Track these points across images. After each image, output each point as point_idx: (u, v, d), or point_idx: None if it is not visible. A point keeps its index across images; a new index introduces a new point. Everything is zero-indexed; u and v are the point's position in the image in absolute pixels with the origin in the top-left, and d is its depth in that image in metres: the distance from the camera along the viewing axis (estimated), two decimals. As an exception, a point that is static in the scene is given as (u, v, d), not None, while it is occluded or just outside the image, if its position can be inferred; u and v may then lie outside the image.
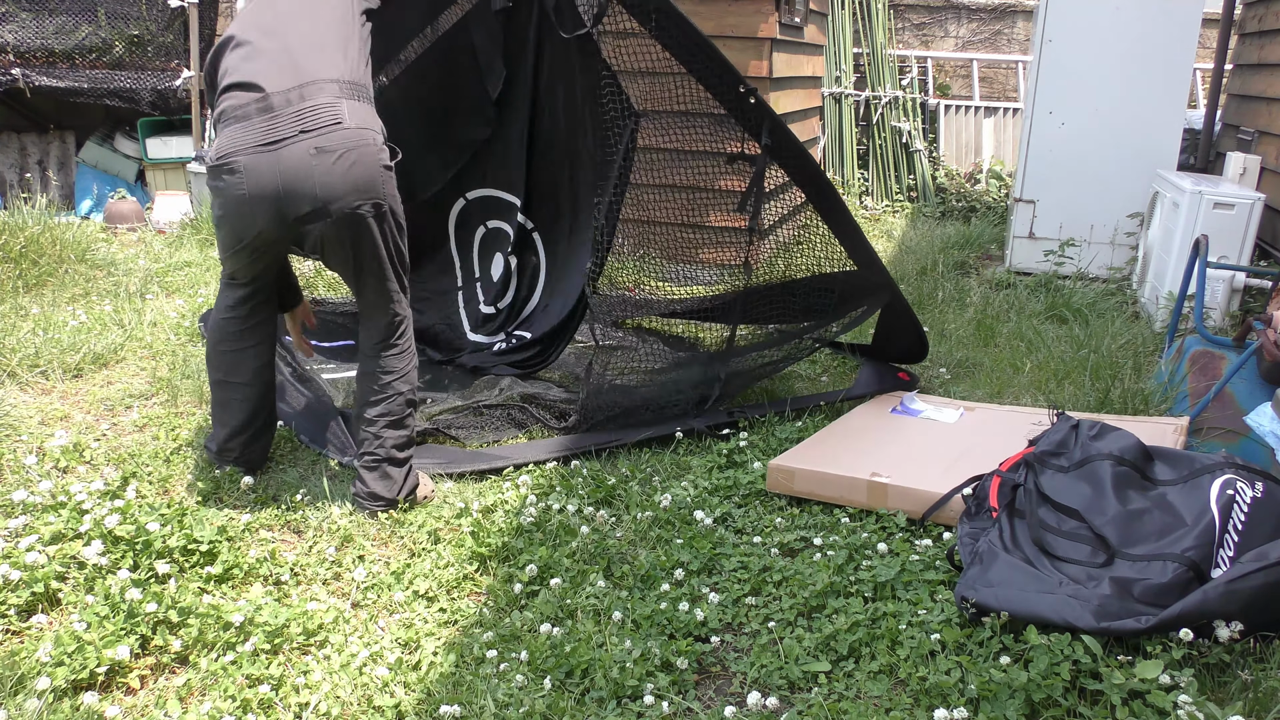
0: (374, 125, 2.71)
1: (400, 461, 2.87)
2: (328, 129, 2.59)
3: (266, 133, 2.58)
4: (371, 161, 2.64)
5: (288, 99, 2.60)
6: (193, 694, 2.15)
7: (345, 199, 2.61)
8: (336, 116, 2.61)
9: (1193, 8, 5.46)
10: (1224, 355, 3.51)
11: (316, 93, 2.62)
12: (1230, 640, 2.09)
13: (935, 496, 2.78)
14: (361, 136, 2.63)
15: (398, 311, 2.87)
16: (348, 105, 2.64)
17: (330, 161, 2.58)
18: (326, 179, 2.59)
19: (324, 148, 2.58)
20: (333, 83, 2.65)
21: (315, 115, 2.59)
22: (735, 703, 2.13)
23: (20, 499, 2.72)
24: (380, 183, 2.67)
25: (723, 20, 5.39)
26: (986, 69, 9.40)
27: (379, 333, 2.87)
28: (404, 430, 2.89)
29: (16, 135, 6.76)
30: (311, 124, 2.59)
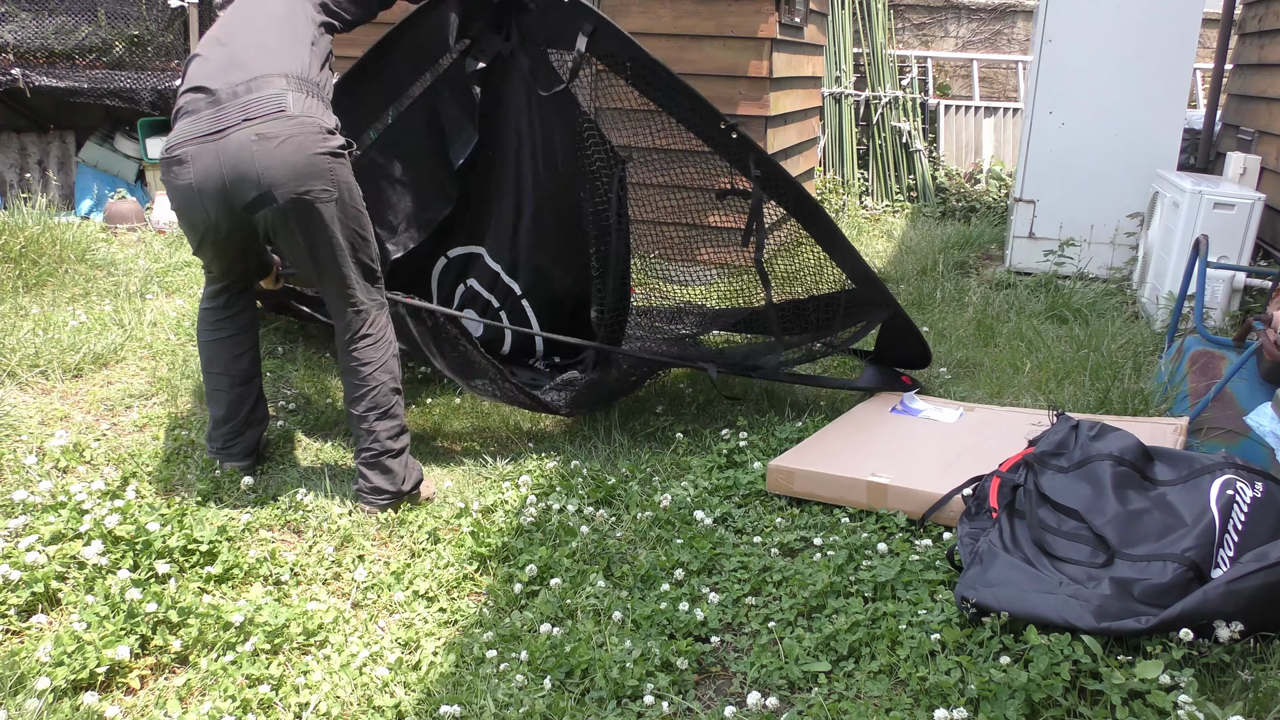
0: (319, 114, 2.70)
1: (397, 452, 2.87)
2: (270, 117, 2.61)
3: (213, 123, 2.63)
4: (314, 146, 2.64)
5: (234, 92, 2.65)
6: (193, 694, 2.15)
7: (288, 184, 2.61)
8: (280, 105, 2.63)
9: (1193, 8, 5.46)
10: (1224, 355, 3.51)
11: (263, 85, 2.65)
12: (1230, 640, 2.09)
13: (935, 497, 2.78)
14: (304, 124, 2.64)
15: (362, 300, 2.84)
16: (293, 96, 2.66)
17: (272, 147, 2.59)
18: (268, 163, 2.59)
19: (265, 134, 2.59)
20: (280, 76, 2.68)
21: (259, 105, 2.62)
22: (735, 703, 2.13)
23: (20, 499, 2.72)
24: (325, 168, 2.66)
25: (723, 20, 5.39)
26: (986, 69, 9.40)
27: (347, 325, 2.86)
28: (394, 420, 2.88)
29: (16, 135, 6.75)
30: (255, 112, 2.61)
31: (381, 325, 2.90)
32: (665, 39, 5.50)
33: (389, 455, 2.86)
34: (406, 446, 2.92)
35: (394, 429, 2.88)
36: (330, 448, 3.34)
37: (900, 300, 5.26)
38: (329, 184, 2.67)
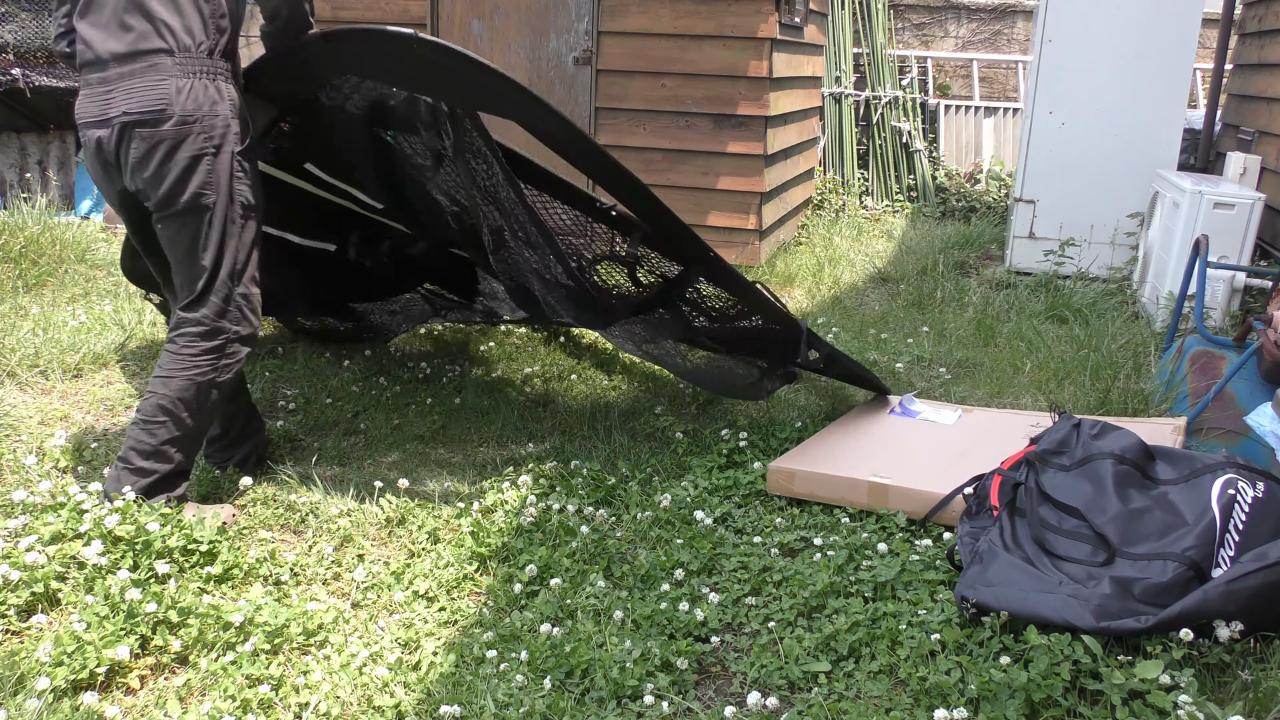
0: (207, 109, 2.54)
1: (135, 470, 2.64)
2: (150, 114, 2.49)
3: (102, 106, 2.52)
4: (190, 156, 2.53)
5: (119, 72, 2.50)
6: (193, 694, 2.15)
7: (159, 191, 2.54)
8: (162, 101, 2.49)
9: (1193, 8, 5.46)
10: (1224, 355, 3.51)
11: (147, 70, 2.49)
12: (1230, 640, 2.09)
13: (936, 497, 2.78)
14: (180, 131, 2.51)
15: (195, 314, 2.66)
16: (176, 85, 2.50)
17: (144, 150, 2.50)
18: (142, 170, 2.52)
19: (144, 136, 2.49)
20: (164, 55, 2.50)
21: (142, 95, 2.49)
22: (735, 703, 2.13)
23: (20, 499, 2.72)
24: (197, 181, 2.55)
25: (723, 20, 5.39)
26: (986, 69, 9.40)
27: (174, 322, 2.70)
28: (148, 437, 2.64)
29: (16, 135, 6.75)
30: (137, 106, 2.49)
31: (202, 348, 2.67)
32: (665, 39, 5.50)
33: (126, 466, 2.65)
34: (151, 473, 2.65)
35: (144, 446, 2.65)
36: (330, 447, 3.33)
37: (900, 300, 5.28)
38: (198, 191, 2.56)
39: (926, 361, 4.32)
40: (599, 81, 5.68)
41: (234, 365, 2.74)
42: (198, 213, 2.60)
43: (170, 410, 2.65)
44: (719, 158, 5.59)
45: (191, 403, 2.67)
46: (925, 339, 4.62)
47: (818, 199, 7.81)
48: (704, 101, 5.53)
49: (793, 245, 6.56)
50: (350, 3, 5.97)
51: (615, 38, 5.59)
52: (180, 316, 2.70)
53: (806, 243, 6.69)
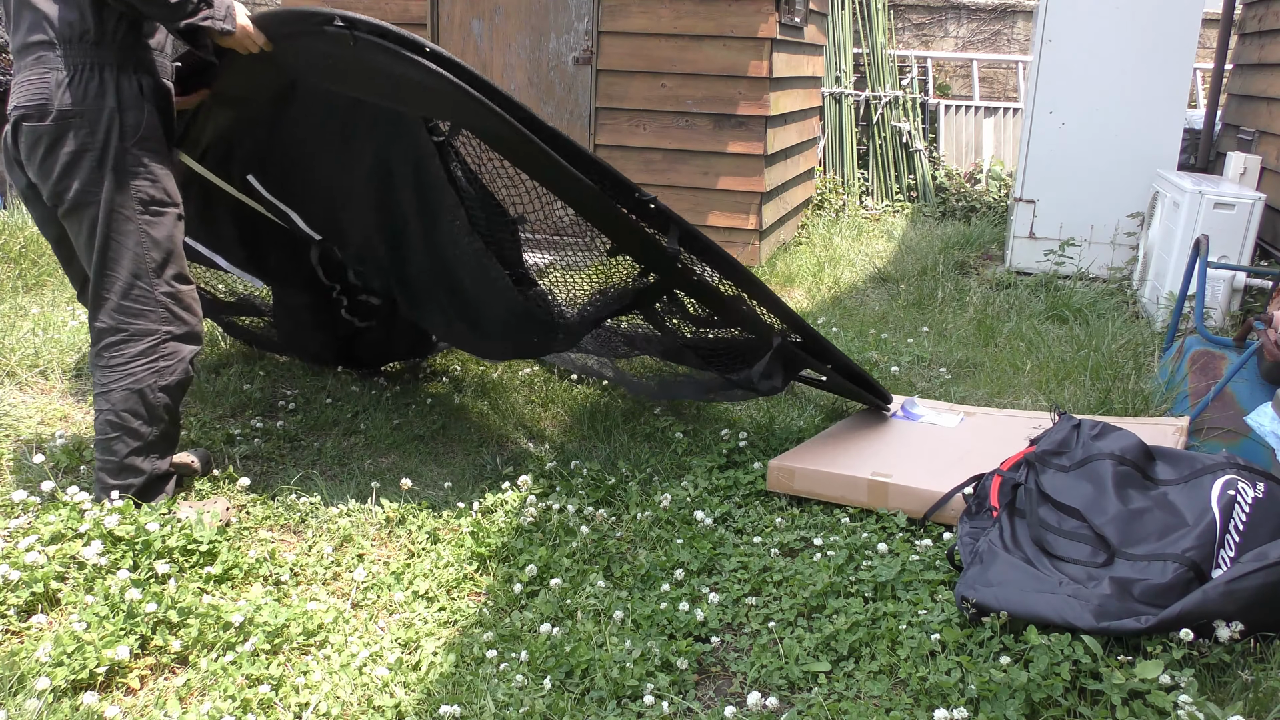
0: (90, 103, 2.44)
1: (111, 488, 2.64)
2: (33, 108, 2.43)
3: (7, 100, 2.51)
4: (71, 151, 2.45)
5: (19, 63, 2.47)
6: (193, 694, 2.15)
7: (46, 188, 2.50)
8: (44, 94, 2.42)
9: (1193, 8, 5.46)
10: (1224, 355, 3.51)
11: (34, 63, 2.44)
12: (1230, 640, 2.09)
13: (935, 496, 2.78)
14: (60, 127, 2.43)
15: (107, 322, 2.57)
16: (56, 79, 2.42)
17: (29, 144, 2.46)
18: (30, 164, 2.49)
19: (30, 130, 2.45)
20: (48, 46, 2.42)
21: (29, 90, 2.44)
22: (735, 703, 2.13)
23: (20, 499, 2.72)
24: (81, 178, 2.46)
25: (723, 20, 5.39)
26: (986, 69, 9.40)
27: (92, 335, 2.63)
28: (110, 455, 2.63)
29: (16, 135, 6.75)
30: (25, 100, 2.44)
31: (126, 358, 2.59)
32: (665, 39, 5.50)
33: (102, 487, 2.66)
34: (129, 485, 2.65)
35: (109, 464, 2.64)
36: (330, 447, 3.33)
37: (900, 300, 5.28)
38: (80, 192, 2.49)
39: (926, 361, 4.32)
40: (599, 81, 5.68)
41: (175, 365, 2.65)
42: (84, 210, 2.51)
43: (119, 424, 2.60)
44: (719, 158, 5.59)
45: (140, 410, 2.60)
46: (925, 339, 4.62)
47: (818, 199, 7.81)
48: (704, 101, 5.53)
49: (793, 245, 6.56)
50: (350, 3, 5.96)
51: (615, 38, 5.59)
52: (94, 327, 2.60)
53: (806, 243, 6.69)
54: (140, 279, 2.56)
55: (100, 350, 2.59)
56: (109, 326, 2.57)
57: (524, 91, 5.86)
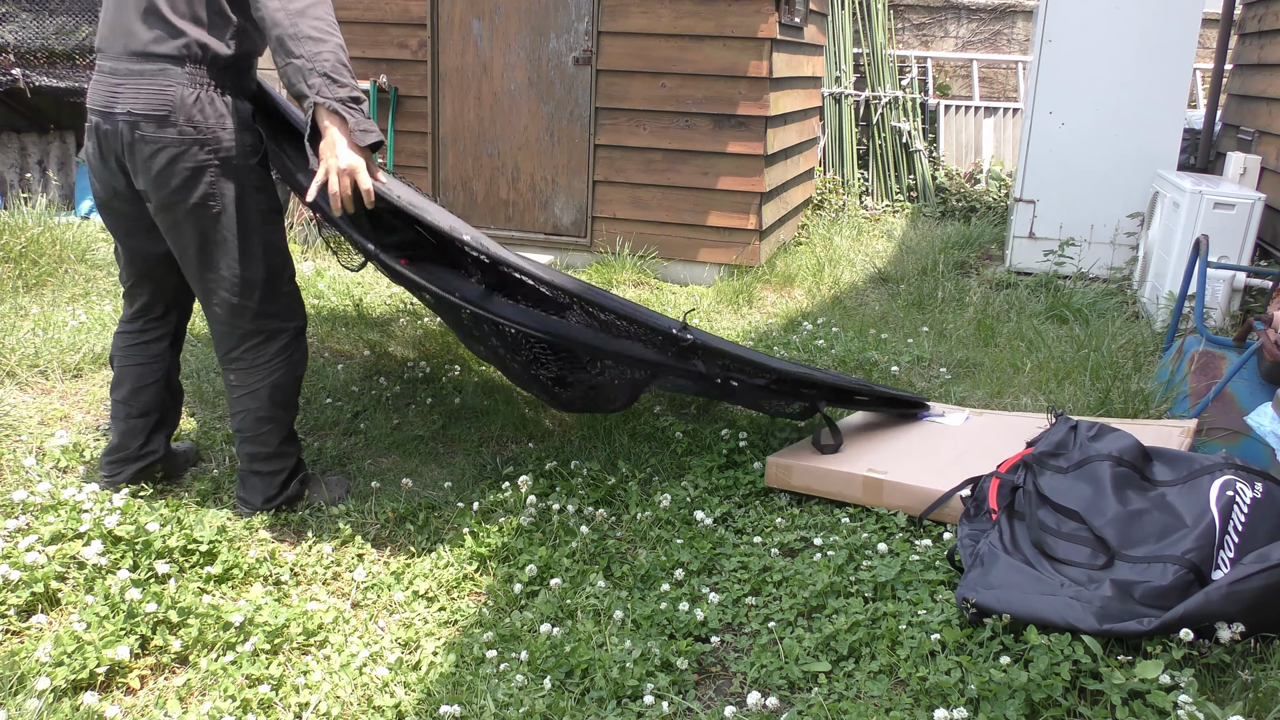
0: (210, 117, 2.50)
1: (266, 474, 2.79)
2: (154, 117, 2.46)
3: (108, 97, 2.50)
4: (192, 169, 2.50)
5: (129, 68, 2.48)
6: (193, 694, 2.15)
7: (159, 193, 2.52)
8: (168, 106, 2.46)
9: (1193, 8, 5.47)
10: (1224, 355, 3.51)
11: (157, 74, 2.46)
12: (1231, 641, 2.09)
13: (932, 493, 2.78)
14: (186, 143, 2.48)
15: (243, 326, 2.68)
16: (182, 95, 2.47)
17: (148, 153, 2.48)
18: (145, 170, 2.50)
19: (150, 140, 2.47)
20: (176, 61, 2.46)
21: (150, 97, 2.46)
22: (735, 703, 2.13)
23: (20, 499, 2.72)
24: (191, 185, 2.51)
25: (723, 20, 5.39)
26: (986, 69, 9.40)
27: (222, 344, 2.72)
28: (261, 446, 2.76)
29: (16, 135, 6.75)
30: (144, 106, 2.46)
31: (268, 354, 2.72)
32: (665, 39, 5.50)
33: (255, 475, 2.81)
34: (281, 469, 2.81)
35: (261, 453, 2.78)
36: (330, 447, 3.33)
37: (900, 300, 5.28)
38: (200, 197, 2.53)
39: (927, 361, 4.32)
40: (599, 81, 5.68)
41: (302, 356, 2.82)
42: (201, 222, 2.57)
43: (271, 417, 2.76)
44: (719, 158, 5.59)
45: (283, 402, 2.78)
46: (925, 339, 4.62)
47: (818, 199, 7.81)
48: (704, 101, 5.53)
49: (793, 245, 6.56)
50: (350, 2, 5.96)
51: (615, 38, 5.59)
52: (234, 332, 2.69)
53: (806, 243, 6.69)
54: (271, 282, 2.68)
55: (241, 353, 2.71)
56: (251, 330, 2.69)
57: (524, 91, 5.86)
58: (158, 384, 2.89)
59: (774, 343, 4.48)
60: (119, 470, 2.89)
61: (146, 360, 2.87)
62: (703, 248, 5.75)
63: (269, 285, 2.68)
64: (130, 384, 2.87)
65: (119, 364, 2.88)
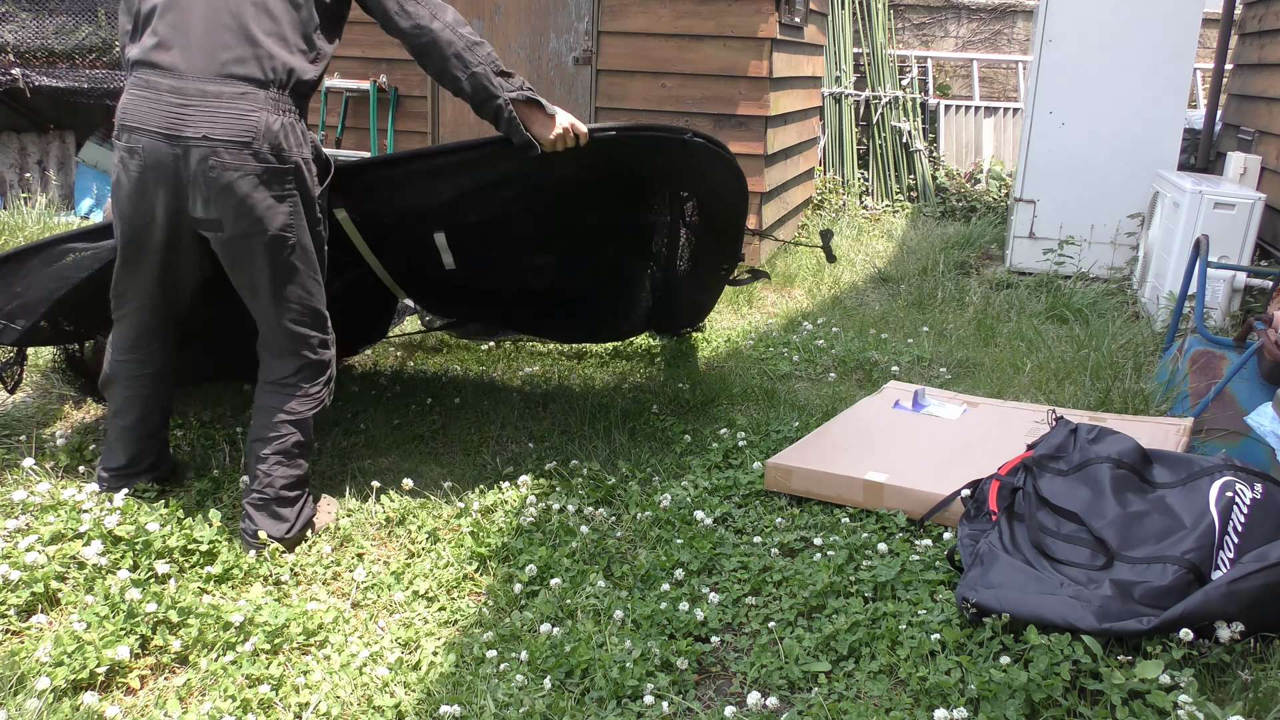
0: (291, 146, 2.45)
1: (290, 500, 2.70)
2: (234, 144, 2.37)
3: (172, 118, 2.36)
4: (271, 189, 2.43)
5: (201, 89, 2.36)
6: (193, 694, 2.15)
7: (237, 223, 2.44)
8: (250, 133, 2.38)
9: (1193, 8, 5.47)
10: (1225, 355, 3.51)
11: (238, 97, 2.37)
12: (1231, 641, 2.09)
13: (932, 497, 2.78)
14: (269, 171, 2.42)
15: (305, 355, 2.67)
16: (267, 121, 2.40)
17: (225, 183, 2.38)
18: (222, 199, 2.40)
19: (225, 164, 2.37)
20: (259, 85, 2.39)
21: (230, 123, 2.37)
22: (735, 703, 2.13)
23: (20, 499, 2.72)
24: (272, 214, 2.45)
25: (723, 20, 5.39)
26: (986, 69, 9.40)
27: (279, 369, 2.67)
28: (295, 470, 2.71)
29: (16, 135, 6.76)
30: (224, 133, 2.36)
31: (321, 385, 2.74)
32: (665, 39, 5.50)
33: (280, 503, 2.68)
34: (303, 494, 2.75)
35: (292, 478, 2.70)
36: (330, 447, 3.33)
37: (900, 300, 5.28)
38: (275, 229, 2.47)
39: (927, 361, 4.32)
40: (599, 81, 5.67)
41: (334, 386, 2.83)
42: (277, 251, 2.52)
43: (307, 442, 2.73)
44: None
45: (312, 429, 2.76)
46: (925, 339, 4.62)
47: (818, 199, 7.81)
48: (704, 101, 5.53)
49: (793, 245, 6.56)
50: (350, 2, 5.96)
51: (615, 38, 5.59)
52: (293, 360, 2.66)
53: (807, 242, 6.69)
54: (327, 313, 2.72)
55: (297, 381, 2.68)
56: (312, 360, 2.69)
57: (524, 91, 5.86)
58: (165, 406, 2.87)
59: (774, 343, 4.49)
60: (122, 484, 2.83)
61: (154, 387, 2.80)
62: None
63: (324, 316, 2.70)
64: (140, 410, 2.80)
65: (126, 392, 2.79)
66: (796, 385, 4.00)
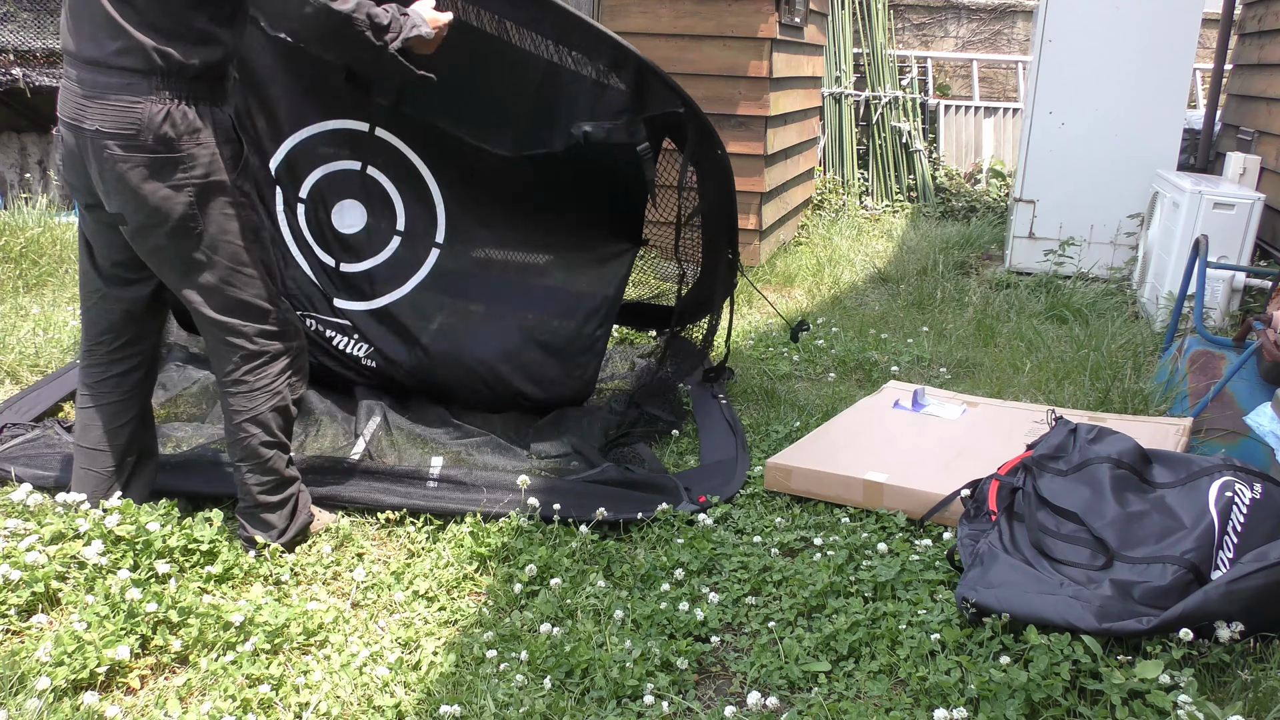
0: (182, 134, 2.32)
1: (273, 505, 2.61)
2: (123, 137, 2.29)
3: (76, 109, 2.32)
4: (161, 180, 2.32)
5: (94, 81, 2.29)
6: (193, 694, 2.15)
7: (134, 217, 2.36)
8: (135, 124, 2.28)
9: (1193, 8, 5.47)
10: (1224, 355, 3.51)
11: (123, 88, 2.28)
12: (1231, 640, 2.09)
13: (932, 497, 2.78)
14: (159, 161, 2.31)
15: (240, 346, 2.51)
16: (151, 111, 2.29)
17: (118, 175, 2.30)
18: (118, 193, 2.33)
19: (116, 157, 2.29)
20: (142, 75, 2.28)
21: (118, 116, 2.29)
22: (735, 703, 2.13)
23: (20, 499, 2.72)
24: (169, 205, 2.33)
25: (723, 20, 5.39)
26: (986, 69, 9.40)
27: (219, 365, 2.55)
28: (269, 475, 2.59)
29: (16, 135, 6.75)
30: (113, 126, 2.29)
31: (269, 374, 2.56)
32: (665, 39, 5.50)
33: (263, 509, 2.61)
34: (289, 497, 2.64)
35: (268, 484, 2.59)
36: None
37: (900, 300, 5.28)
38: (179, 219, 2.35)
39: (926, 361, 4.32)
40: (599, 81, 5.67)
41: (304, 378, 2.69)
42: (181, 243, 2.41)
43: (275, 441, 2.61)
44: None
45: (283, 423, 2.62)
46: (925, 339, 4.62)
47: (818, 199, 7.81)
48: (704, 101, 5.50)
49: (793, 245, 6.56)
50: (350, 3, 5.96)
51: (615, 38, 5.59)
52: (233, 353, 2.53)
53: (806, 243, 6.69)
54: (269, 302, 2.55)
55: (243, 375, 2.54)
56: (253, 351, 2.53)
57: (524, 91, 5.85)
58: (133, 421, 2.67)
59: (774, 343, 4.49)
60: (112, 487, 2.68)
61: (121, 396, 2.64)
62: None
63: (266, 305, 2.54)
64: (102, 425, 2.63)
65: (86, 404, 2.63)
66: (796, 385, 4.00)
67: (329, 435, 3.27)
